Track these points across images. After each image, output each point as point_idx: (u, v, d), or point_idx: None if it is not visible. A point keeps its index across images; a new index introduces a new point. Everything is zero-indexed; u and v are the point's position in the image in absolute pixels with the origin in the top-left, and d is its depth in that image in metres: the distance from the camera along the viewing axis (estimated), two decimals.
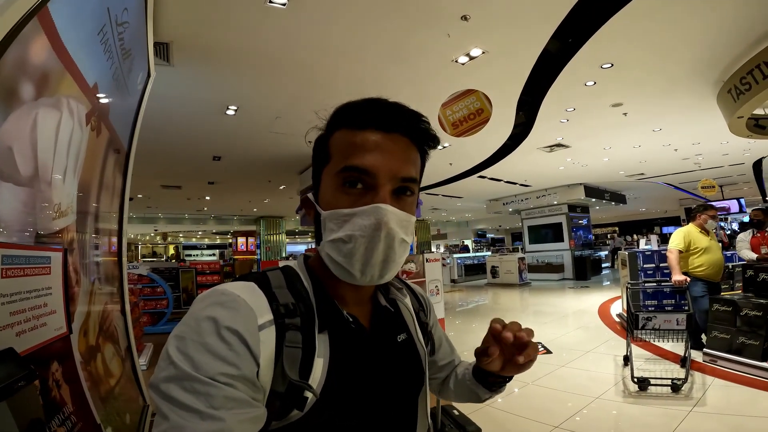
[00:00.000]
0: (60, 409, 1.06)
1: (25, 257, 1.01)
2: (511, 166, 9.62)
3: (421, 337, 0.71)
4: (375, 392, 0.58)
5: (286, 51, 3.96)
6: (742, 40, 4.10)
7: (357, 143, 0.56)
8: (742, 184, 14.27)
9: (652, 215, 25.29)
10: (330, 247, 0.57)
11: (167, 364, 0.46)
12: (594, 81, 4.98)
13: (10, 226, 1.02)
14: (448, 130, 3.97)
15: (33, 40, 1.05)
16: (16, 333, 0.92)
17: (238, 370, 0.46)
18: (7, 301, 0.89)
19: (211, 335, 0.47)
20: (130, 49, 2.12)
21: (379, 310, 0.66)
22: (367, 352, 0.59)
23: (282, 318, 0.53)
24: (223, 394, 0.44)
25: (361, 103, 0.59)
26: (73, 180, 1.50)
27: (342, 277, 0.58)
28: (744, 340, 3.61)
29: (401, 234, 0.56)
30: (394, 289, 0.70)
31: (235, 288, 0.54)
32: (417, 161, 0.61)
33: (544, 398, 3.36)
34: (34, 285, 1.04)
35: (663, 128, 7.22)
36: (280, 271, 0.61)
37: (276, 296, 0.55)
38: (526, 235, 15.56)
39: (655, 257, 5.82)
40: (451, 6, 3.38)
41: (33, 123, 1.10)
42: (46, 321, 1.08)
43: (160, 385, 0.45)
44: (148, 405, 2.58)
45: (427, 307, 0.82)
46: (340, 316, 0.58)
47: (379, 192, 0.55)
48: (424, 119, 0.61)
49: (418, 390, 0.67)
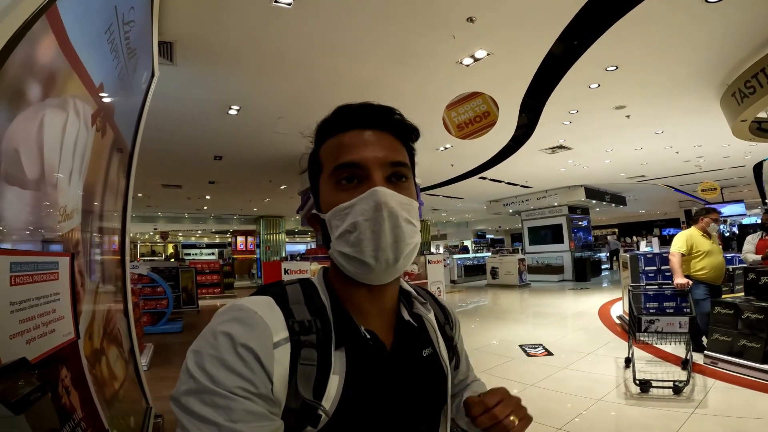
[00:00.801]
0: (70, 416, 1.05)
1: (34, 263, 0.99)
2: (513, 167, 9.62)
3: (445, 352, 0.70)
4: (394, 410, 0.57)
5: (290, 51, 3.94)
6: (748, 43, 4.11)
7: (342, 144, 0.59)
8: (743, 186, 14.29)
9: (651, 217, 25.32)
10: (339, 243, 0.57)
11: (187, 377, 0.47)
12: (598, 83, 4.97)
13: (16, 230, 1.00)
14: (453, 132, 3.95)
15: (41, 39, 1.03)
16: (26, 341, 0.91)
17: (255, 387, 0.47)
18: (16, 309, 0.88)
19: (228, 351, 0.48)
20: (136, 49, 2.10)
21: (402, 325, 0.65)
22: (386, 369, 0.58)
23: (297, 335, 0.53)
24: (242, 407, 0.45)
25: (335, 111, 0.63)
26: (79, 182, 1.48)
27: (357, 272, 0.57)
28: (745, 343, 3.63)
29: (405, 214, 0.57)
30: (418, 303, 0.69)
31: (253, 304, 0.54)
32: (403, 151, 0.63)
33: (546, 400, 3.35)
34: (43, 291, 1.02)
35: (665, 130, 7.22)
36: (299, 285, 0.62)
37: (293, 312, 0.56)
38: (526, 236, 15.56)
39: (656, 260, 5.81)
40: (458, 8, 3.37)
41: (40, 125, 1.08)
42: (55, 327, 1.07)
43: (181, 398, 0.46)
44: (151, 407, 2.57)
45: (453, 321, 0.81)
46: (357, 333, 0.58)
47: (373, 179, 0.57)
48: (397, 112, 0.63)
49: (440, 407, 0.66)
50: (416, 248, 0.60)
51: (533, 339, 5.46)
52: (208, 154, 7.62)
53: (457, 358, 0.79)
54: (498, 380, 3.93)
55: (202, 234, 24.74)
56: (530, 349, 4.95)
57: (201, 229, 21.51)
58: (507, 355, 4.76)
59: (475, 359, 4.47)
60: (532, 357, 4.64)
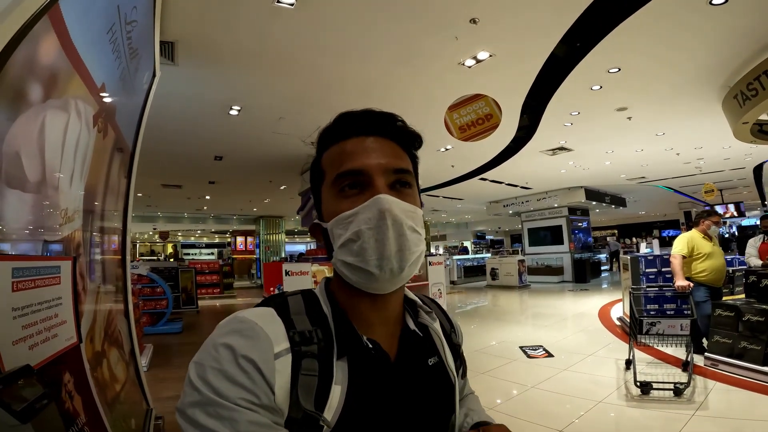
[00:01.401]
0: (74, 421, 1.03)
1: (36, 268, 0.98)
2: (513, 168, 9.62)
3: (451, 361, 0.69)
4: (398, 420, 0.56)
5: (292, 51, 3.93)
6: (751, 45, 4.10)
7: (344, 152, 0.59)
8: (742, 188, 14.32)
9: (651, 218, 25.35)
10: (342, 252, 0.56)
11: (191, 390, 0.47)
12: (600, 85, 4.97)
13: (17, 233, 0.99)
14: (454, 134, 3.94)
15: (43, 39, 1.01)
16: (29, 346, 0.89)
17: (257, 398, 0.47)
18: (19, 315, 0.87)
19: (230, 363, 0.48)
20: (138, 48, 2.09)
21: (407, 335, 0.64)
22: (389, 379, 0.57)
23: (298, 346, 0.53)
24: (246, 418, 0.45)
25: (337, 118, 0.62)
26: (80, 184, 1.47)
27: (361, 282, 0.56)
28: (746, 345, 3.63)
29: (409, 222, 0.56)
30: (424, 312, 0.68)
31: (254, 315, 0.54)
32: (406, 158, 0.62)
33: (547, 402, 3.35)
34: (45, 296, 1.01)
35: (666, 132, 7.23)
36: (300, 296, 0.62)
37: (294, 323, 0.55)
38: (525, 237, 15.57)
39: (657, 262, 5.81)
40: (461, 9, 3.36)
41: (41, 126, 1.06)
42: (58, 332, 1.06)
43: (186, 410, 0.46)
44: (151, 408, 2.56)
45: (457, 328, 0.80)
46: (359, 343, 0.57)
47: (376, 186, 0.56)
48: (399, 119, 0.63)
49: (448, 416, 0.65)
50: (421, 256, 0.59)
51: (533, 340, 5.46)
52: (209, 154, 7.61)
53: (464, 366, 0.78)
54: (499, 382, 3.92)
55: (201, 234, 24.71)
56: (531, 350, 4.95)
57: (200, 229, 21.50)
58: (507, 356, 4.76)
59: (476, 361, 4.49)
60: (533, 358, 4.64)
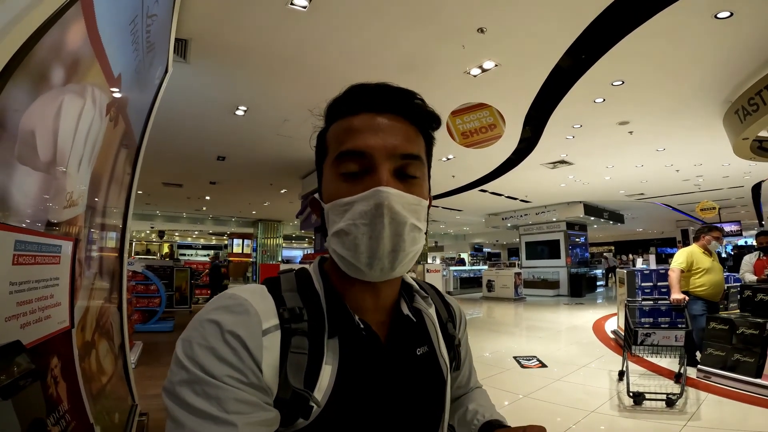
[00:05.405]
0: (56, 407, 1.00)
1: (38, 244, 0.97)
2: (514, 180, 9.66)
3: (444, 351, 0.65)
4: (388, 406, 0.54)
5: (301, 54, 3.97)
6: (754, 60, 4.14)
7: (350, 128, 0.54)
8: (740, 207, 14.37)
9: (648, 236, 25.38)
10: (334, 241, 0.54)
11: (178, 368, 0.45)
12: (603, 98, 5.01)
13: (22, 210, 0.98)
14: (457, 139, 3.97)
15: (72, 25, 1.02)
16: (21, 324, 0.86)
17: (244, 376, 0.46)
18: (15, 290, 0.84)
19: (216, 339, 0.46)
20: (155, 43, 2.10)
21: (400, 319, 0.61)
22: (380, 362, 0.55)
23: (288, 323, 0.51)
24: (233, 396, 0.44)
25: (348, 90, 0.57)
26: (87, 170, 1.47)
27: (351, 272, 0.54)
28: (739, 357, 3.66)
29: (411, 219, 0.52)
30: (419, 297, 0.64)
31: (243, 291, 0.52)
32: (419, 141, 0.58)
33: (540, 411, 3.33)
34: (44, 274, 0.99)
35: (667, 148, 7.27)
36: (293, 274, 0.59)
37: (284, 300, 0.53)
38: (523, 251, 15.56)
39: (653, 276, 5.83)
40: (469, 18, 3.41)
41: (58, 109, 1.07)
42: (51, 313, 1.03)
43: (174, 389, 0.44)
44: (136, 404, 2.51)
45: (458, 318, 0.76)
46: (351, 322, 0.54)
47: (378, 172, 0.51)
48: (418, 97, 0.58)
49: (437, 408, 0.62)
50: (417, 254, 0.56)
51: (527, 351, 5.43)
52: (212, 153, 7.63)
53: (458, 359, 0.72)
54: (492, 390, 3.89)
55: (198, 235, 24.62)
56: (524, 360, 4.92)
57: (198, 230, 21.42)
58: (501, 366, 4.73)
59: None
60: (526, 368, 4.62)
